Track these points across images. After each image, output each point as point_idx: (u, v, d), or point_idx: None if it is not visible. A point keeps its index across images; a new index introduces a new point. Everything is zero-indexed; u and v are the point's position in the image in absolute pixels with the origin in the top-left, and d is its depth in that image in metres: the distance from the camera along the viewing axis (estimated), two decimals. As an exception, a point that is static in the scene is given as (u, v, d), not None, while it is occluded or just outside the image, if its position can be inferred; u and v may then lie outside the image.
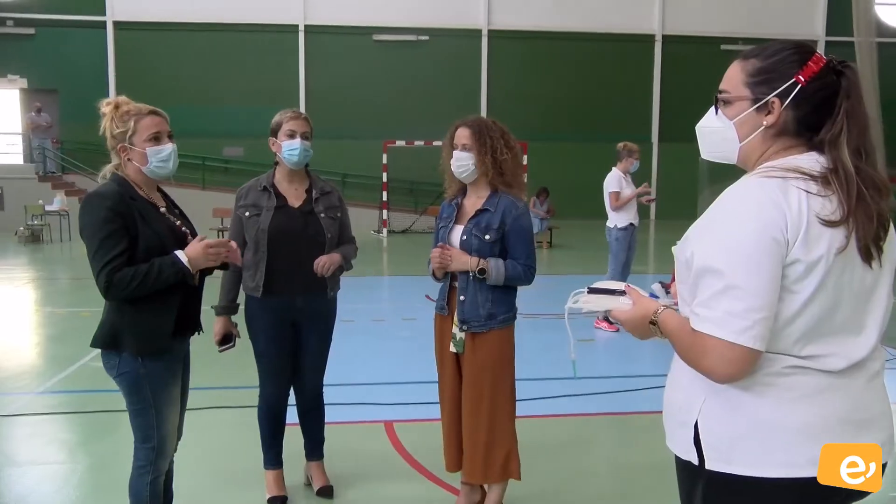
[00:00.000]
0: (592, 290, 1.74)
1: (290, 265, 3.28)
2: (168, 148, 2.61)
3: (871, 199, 1.49)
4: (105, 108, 2.60)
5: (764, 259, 1.44)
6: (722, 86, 1.65)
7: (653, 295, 1.77)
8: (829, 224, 1.46)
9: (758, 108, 1.58)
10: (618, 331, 6.76)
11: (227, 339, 3.38)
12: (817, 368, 1.51)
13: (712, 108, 1.67)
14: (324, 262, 3.26)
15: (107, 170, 2.64)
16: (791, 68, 1.55)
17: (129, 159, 2.59)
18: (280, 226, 3.27)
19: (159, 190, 2.76)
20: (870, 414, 1.56)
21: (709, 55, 18.96)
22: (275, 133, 3.32)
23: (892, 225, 1.58)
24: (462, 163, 3.12)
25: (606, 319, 6.67)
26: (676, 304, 1.68)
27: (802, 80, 1.54)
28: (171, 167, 2.64)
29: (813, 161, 1.53)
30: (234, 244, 2.68)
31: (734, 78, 1.62)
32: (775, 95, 1.56)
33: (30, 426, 4.59)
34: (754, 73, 1.59)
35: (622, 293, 1.72)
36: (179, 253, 2.53)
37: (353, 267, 3.53)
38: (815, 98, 1.54)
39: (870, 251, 1.51)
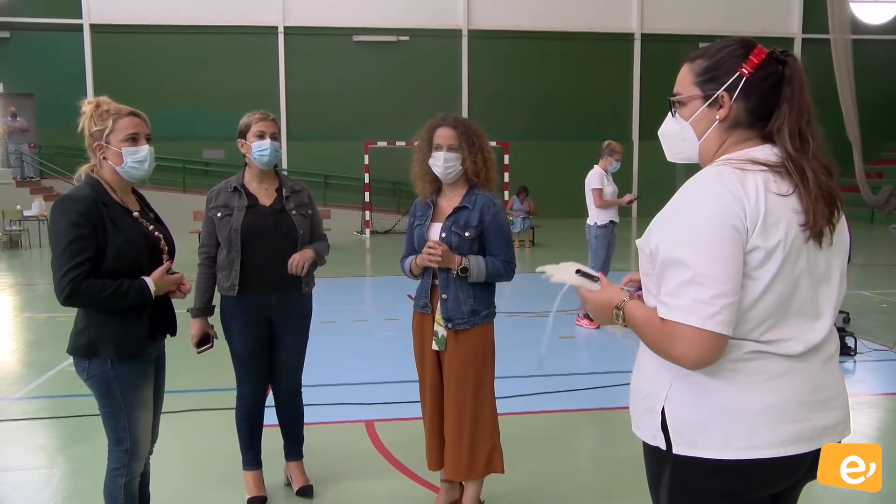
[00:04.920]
0: (578, 272, 1.76)
1: (264, 263, 3.29)
2: (144, 149, 2.60)
3: (823, 183, 1.56)
4: (86, 106, 2.60)
5: (725, 247, 1.49)
6: (675, 89, 1.72)
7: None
8: (805, 227, 1.53)
9: (709, 104, 1.65)
10: (598, 327, 6.79)
11: (204, 341, 3.37)
12: (777, 353, 1.56)
13: (670, 113, 1.74)
14: (296, 261, 3.27)
15: (81, 171, 2.63)
16: (735, 63, 1.62)
17: (104, 158, 2.58)
18: (252, 224, 3.28)
19: (135, 192, 2.75)
20: (827, 395, 1.62)
21: (687, 53, 18.87)
22: (243, 135, 3.35)
23: (842, 210, 1.64)
24: (450, 164, 3.11)
25: (587, 316, 6.71)
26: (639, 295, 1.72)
27: (746, 72, 1.61)
28: (146, 169, 2.62)
29: (768, 152, 1.60)
30: (186, 285, 2.73)
31: (685, 79, 1.70)
32: (724, 90, 1.62)
33: (7, 432, 4.55)
34: (701, 72, 1.66)
35: (596, 279, 1.75)
36: (149, 280, 2.55)
37: (326, 262, 3.54)
38: (760, 88, 1.61)
39: (822, 233, 1.57)
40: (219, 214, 3.32)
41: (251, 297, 3.31)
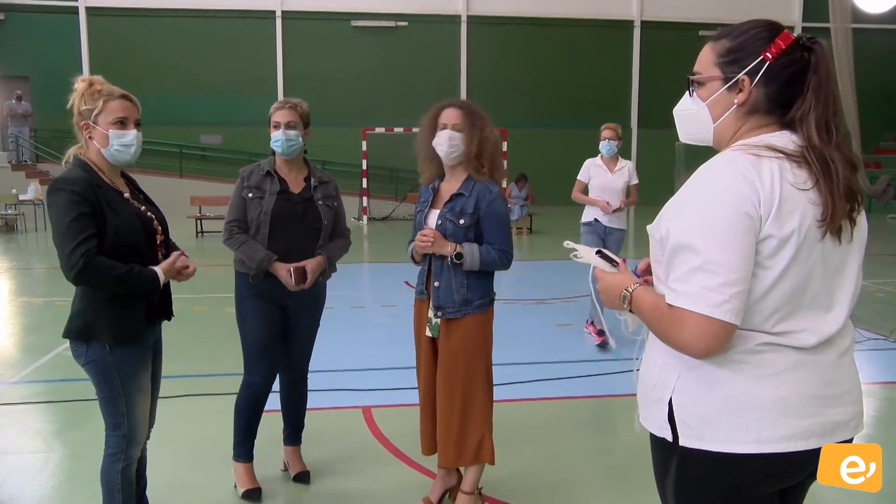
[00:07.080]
0: (598, 253, 1.76)
1: (286, 250, 3.30)
2: (131, 134, 2.56)
3: (843, 177, 1.51)
4: (79, 84, 2.55)
5: (737, 234, 1.45)
6: (695, 67, 1.67)
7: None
8: (823, 222, 1.49)
9: (729, 87, 1.60)
10: (603, 342, 6.40)
11: (301, 272, 3.27)
12: (789, 345, 1.52)
13: (687, 92, 1.69)
14: (306, 274, 3.26)
15: (70, 153, 2.59)
16: (759, 46, 1.57)
17: (90, 138, 2.55)
18: (282, 210, 3.31)
19: (123, 175, 2.72)
20: (840, 390, 1.58)
21: (687, 41, 18.97)
22: (269, 124, 3.38)
23: (863, 205, 1.60)
24: (453, 143, 3.09)
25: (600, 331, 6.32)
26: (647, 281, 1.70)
27: (770, 56, 1.56)
28: (132, 154, 2.58)
29: (786, 139, 1.55)
30: (190, 268, 2.68)
31: (705, 59, 1.64)
32: (745, 73, 1.58)
33: (3, 416, 4.54)
34: (724, 52, 1.61)
35: (615, 264, 1.74)
36: (159, 270, 2.54)
37: (337, 269, 3.52)
38: (783, 74, 1.56)
39: (841, 227, 1.53)
40: (250, 195, 3.34)
41: (270, 280, 3.30)
